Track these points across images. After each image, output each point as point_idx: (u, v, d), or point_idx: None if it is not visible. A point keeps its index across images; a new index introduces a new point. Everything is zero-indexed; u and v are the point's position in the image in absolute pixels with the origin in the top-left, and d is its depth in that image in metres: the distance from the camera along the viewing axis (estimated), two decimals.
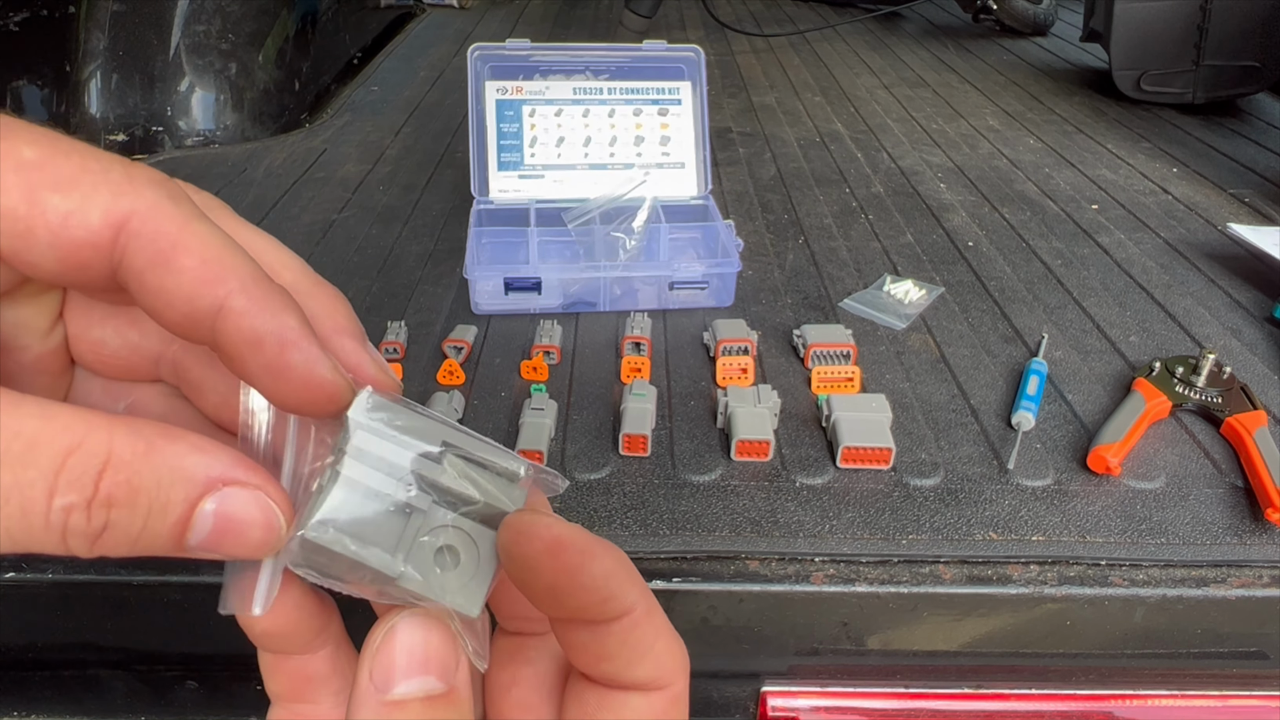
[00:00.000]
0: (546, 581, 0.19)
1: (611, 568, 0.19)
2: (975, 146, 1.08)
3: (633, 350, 0.63)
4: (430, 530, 0.20)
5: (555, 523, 0.19)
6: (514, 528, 0.19)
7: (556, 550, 0.18)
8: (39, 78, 0.93)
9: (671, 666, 0.20)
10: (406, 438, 0.20)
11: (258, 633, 0.21)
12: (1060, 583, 0.46)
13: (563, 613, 0.19)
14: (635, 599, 0.19)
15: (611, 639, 0.19)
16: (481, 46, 0.78)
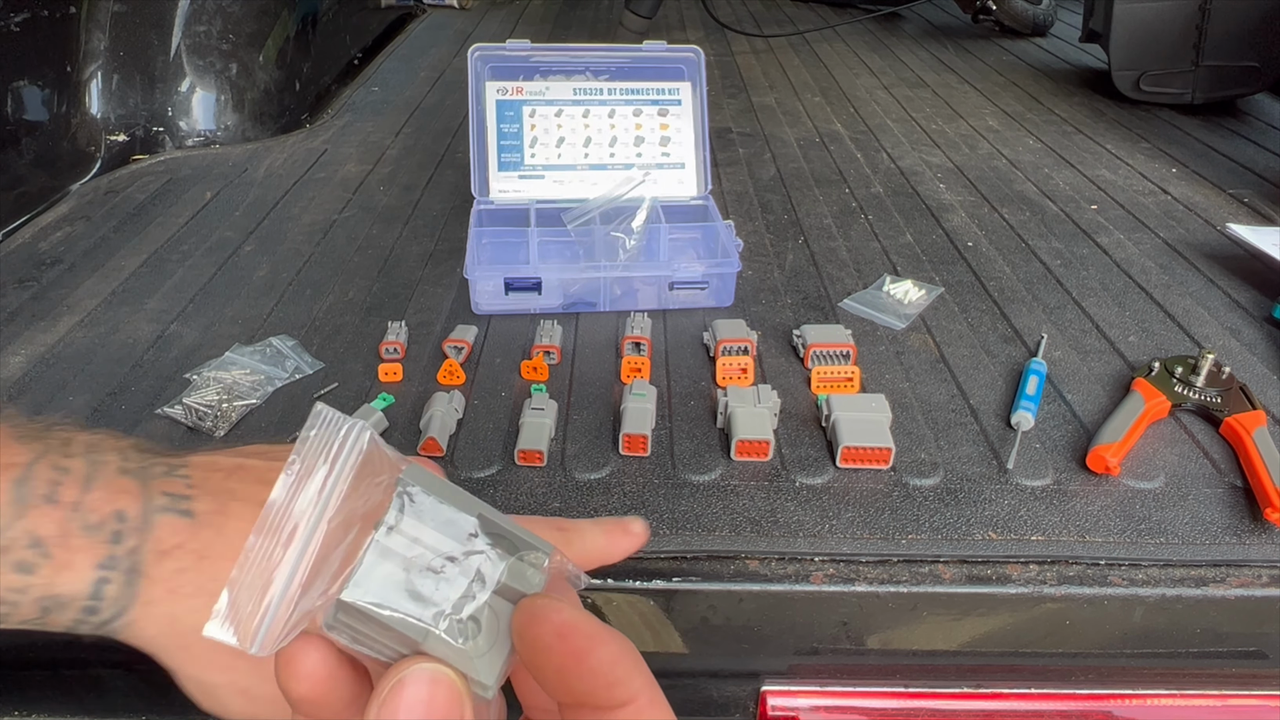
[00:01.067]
0: (555, 664, 0.19)
1: (617, 655, 0.19)
2: (975, 147, 1.09)
3: (633, 350, 0.63)
4: (456, 602, 0.21)
5: (567, 608, 0.19)
6: (527, 610, 0.20)
7: (565, 634, 0.19)
8: (40, 78, 0.93)
9: None
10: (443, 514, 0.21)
11: (294, 699, 0.21)
12: (1059, 582, 0.46)
13: (570, 697, 0.20)
14: (639, 687, 0.20)
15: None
16: (482, 47, 0.78)
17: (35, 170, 0.91)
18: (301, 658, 0.21)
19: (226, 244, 0.81)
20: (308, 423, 0.21)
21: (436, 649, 0.20)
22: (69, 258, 0.78)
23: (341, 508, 0.21)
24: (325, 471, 0.21)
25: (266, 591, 0.20)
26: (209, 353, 0.63)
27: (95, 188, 0.93)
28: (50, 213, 0.87)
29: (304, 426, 0.21)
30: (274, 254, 0.79)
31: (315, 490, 0.21)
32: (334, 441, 0.21)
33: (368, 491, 0.21)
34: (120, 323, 0.67)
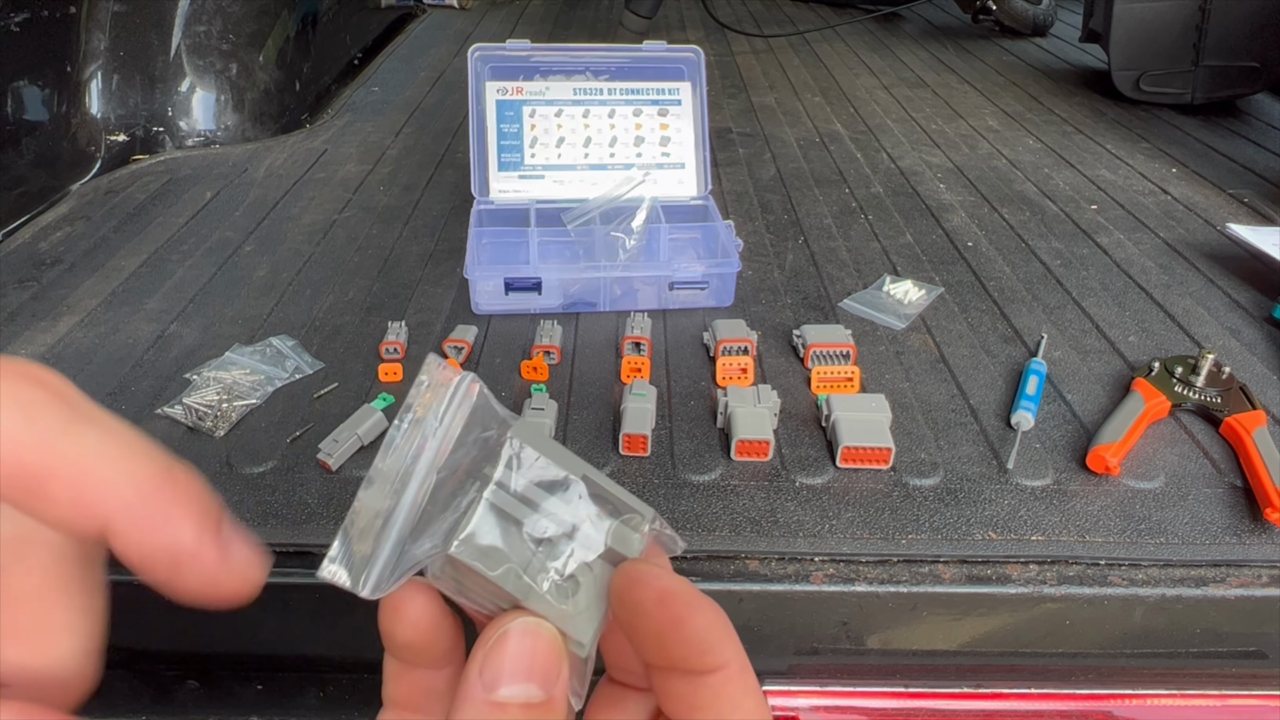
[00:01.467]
0: (653, 629, 0.20)
1: (713, 622, 0.20)
2: (975, 147, 1.09)
3: (633, 350, 0.63)
4: (558, 561, 0.21)
5: (666, 574, 0.20)
6: (628, 574, 0.20)
7: (665, 600, 0.20)
8: (40, 78, 0.93)
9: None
10: (549, 473, 0.22)
11: (399, 643, 0.22)
12: (1059, 582, 0.46)
13: (664, 661, 0.20)
14: (731, 655, 0.20)
15: (706, 691, 0.20)
16: (482, 47, 0.78)
17: (35, 170, 0.91)
18: (409, 604, 0.21)
19: (226, 244, 0.81)
20: (421, 371, 0.22)
21: (537, 606, 0.21)
22: (69, 258, 0.78)
23: (450, 459, 0.21)
24: (436, 423, 0.21)
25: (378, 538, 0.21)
26: (209, 353, 0.63)
27: (95, 188, 0.93)
28: (50, 213, 0.87)
29: (419, 375, 0.22)
30: (274, 254, 0.79)
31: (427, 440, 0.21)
32: (446, 393, 0.22)
33: (476, 444, 0.22)
34: (120, 323, 0.67)
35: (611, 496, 0.22)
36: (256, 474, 0.52)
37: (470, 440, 0.22)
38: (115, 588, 0.47)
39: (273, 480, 0.51)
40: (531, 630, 0.20)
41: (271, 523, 0.48)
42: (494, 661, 0.19)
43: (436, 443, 0.21)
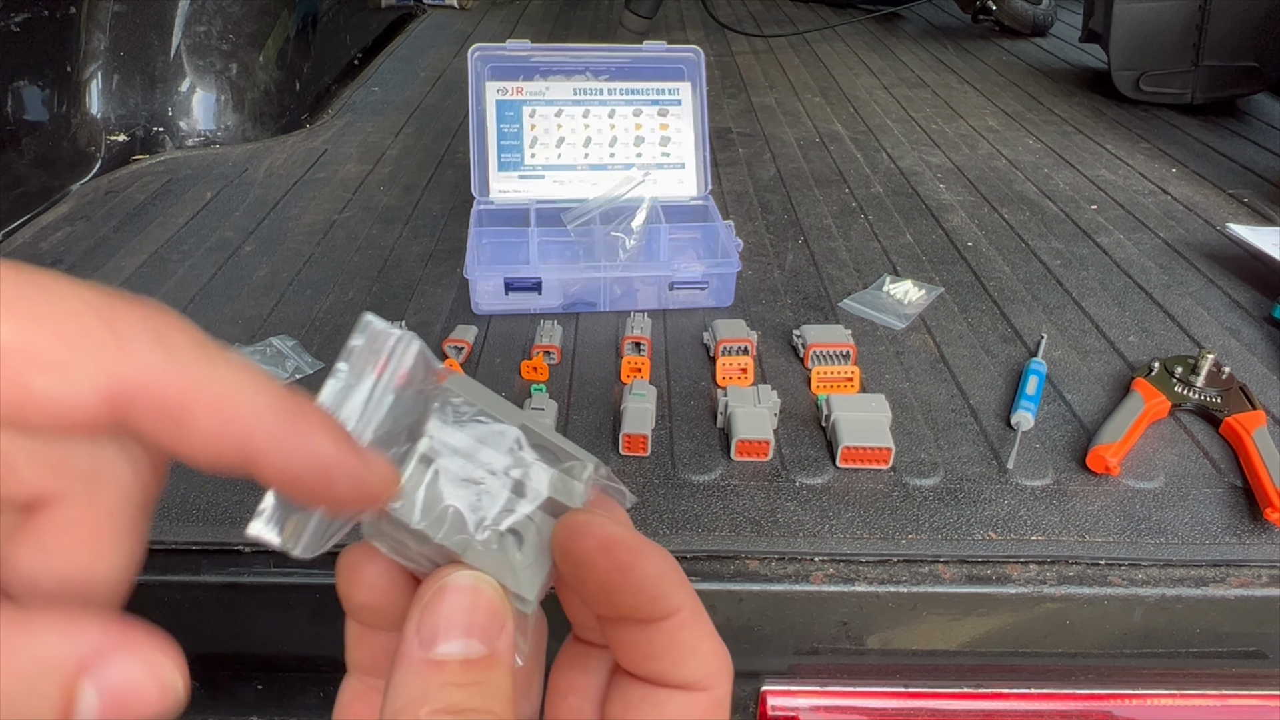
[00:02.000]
0: (599, 579, 0.19)
1: (661, 567, 0.19)
2: (975, 147, 1.09)
3: (633, 350, 0.63)
4: (498, 515, 0.21)
5: (608, 522, 0.19)
6: (569, 525, 0.19)
7: (609, 549, 0.19)
8: (40, 78, 0.93)
9: (716, 670, 0.20)
10: (486, 426, 0.21)
11: (356, 605, 0.22)
12: (1059, 582, 0.46)
13: (613, 611, 0.19)
14: (683, 600, 0.19)
15: (659, 638, 0.19)
16: (482, 47, 0.78)
17: (35, 170, 0.91)
18: (365, 565, 0.21)
19: (226, 244, 0.81)
20: (355, 332, 0.21)
21: (477, 561, 0.20)
22: (69, 258, 0.78)
23: (387, 417, 0.21)
24: (372, 381, 0.21)
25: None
26: None
27: (95, 188, 0.93)
28: (50, 213, 0.87)
29: (352, 335, 0.21)
30: (274, 254, 0.79)
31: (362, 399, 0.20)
32: (381, 351, 0.21)
33: (413, 402, 0.21)
34: None
35: (553, 446, 0.21)
36: None
37: (407, 397, 0.21)
38: None
39: None
40: (470, 583, 0.19)
41: None
42: (430, 617, 0.19)
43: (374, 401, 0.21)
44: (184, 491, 0.50)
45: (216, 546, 0.47)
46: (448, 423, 0.21)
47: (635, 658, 0.20)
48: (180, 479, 0.51)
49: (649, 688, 0.20)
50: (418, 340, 0.21)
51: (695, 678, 0.20)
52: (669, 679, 0.20)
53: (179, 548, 0.47)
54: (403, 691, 0.18)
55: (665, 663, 0.20)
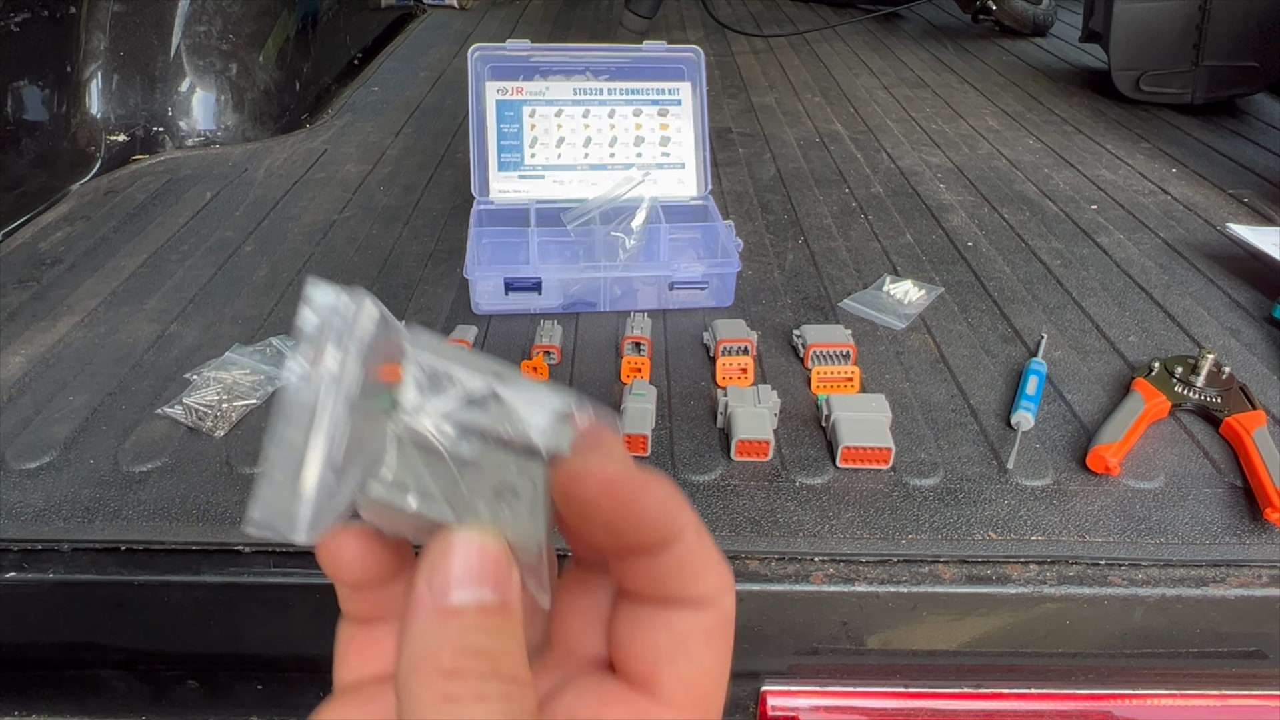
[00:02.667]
0: (603, 519, 0.19)
1: (663, 496, 0.20)
2: (975, 147, 1.09)
3: (633, 350, 0.63)
4: (488, 472, 0.20)
5: (604, 461, 0.20)
6: (566, 473, 0.20)
7: (609, 489, 0.19)
8: (40, 78, 0.93)
9: (720, 585, 0.21)
10: (457, 386, 0.21)
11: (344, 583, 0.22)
12: (1059, 582, 0.46)
13: (619, 544, 0.20)
14: (685, 522, 0.20)
15: (666, 563, 0.20)
16: (482, 47, 0.78)
17: (35, 170, 0.91)
18: (343, 549, 0.21)
19: (226, 244, 0.81)
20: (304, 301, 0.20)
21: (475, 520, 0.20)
22: (69, 258, 0.78)
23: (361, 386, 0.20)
24: (338, 354, 0.20)
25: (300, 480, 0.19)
26: (209, 353, 0.63)
27: (95, 188, 0.93)
28: (50, 213, 0.87)
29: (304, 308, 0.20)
30: (274, 254, 0.79)
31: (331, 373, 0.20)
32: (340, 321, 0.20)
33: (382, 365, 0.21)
34: (120, 323, 0.67)
35: (530, 394, 0.21)
36: (257, 474, 0.52)
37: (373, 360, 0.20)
38: (114, 588, 0.47)
39: None
40: (476, 536, 0.20)
41: None
42: (441, 569, 0.19)
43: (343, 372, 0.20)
44: (184, 491, 0.50)
45: (216, 546, 0.47)
46: (421, 388, 0.21)
47: (643, 583, 0.20)
48: (180, 479, 0.51)
49: (656, 608, 0.21)
50: (374, 300, 0.21)
51: (702, 594, 0.20)
52: (676, 598, 0.20)
53: (179, 548, 0.47)
54: (420, 638, 0.18)
55: (673, 585, 0.20)
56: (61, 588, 0.47)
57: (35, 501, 0.49)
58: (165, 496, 0.50)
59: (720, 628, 0.21)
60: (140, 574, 0.47)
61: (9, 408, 0.57)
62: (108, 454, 0.53)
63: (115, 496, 0.50)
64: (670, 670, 0.20)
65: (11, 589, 0.47)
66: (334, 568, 0.21)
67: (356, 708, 0.22)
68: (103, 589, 0.47)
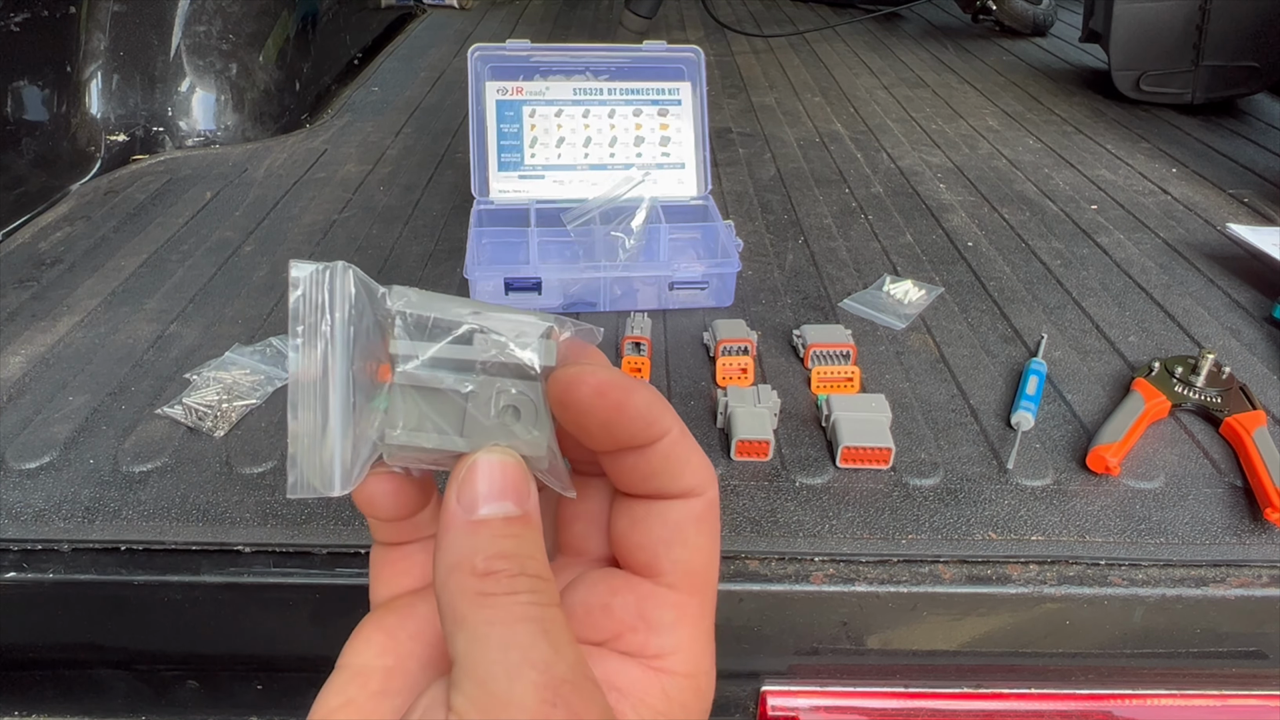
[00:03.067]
0: (598, 420, 0.22)
1: (650, 398, 0.22)
2: (975, 147, 1.09)
3: (633, 350, 0.63)
4: (489, 398, 0.23)
5: (595, 369, 0.22)
6: (560, 382, 0.22)
7: (602, 392, 0.22)
8: (40, 78, 0.93)
9: (705, 476, 0.23)
10: (442, 326, 0.23)
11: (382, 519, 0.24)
12: (1059, 582, 0.46)
13: (613, 444, 0.22)
14: (671, 421, 0.22)
15: (656, 458, 0.22)
16: (482, 47, 0.78)
17: (35, 170, 0.91)
18: (374, 491, 0.24)
19: (226, 244, 0.81)
20: (291, 285, 0.22)
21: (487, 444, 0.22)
22: (69, 258, 0.78)
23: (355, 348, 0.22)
24: (328, 324, 0.22)
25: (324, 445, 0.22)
26: (209, 353, 0.63)
27: (95, 188, 0.93)
28: (50, 213, 0.87)
29: (289, 289, 0.22)
30: (274, 254, 0.79)
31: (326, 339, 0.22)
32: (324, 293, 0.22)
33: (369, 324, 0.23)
34: (120, 323, 0.67)
35: (510, 321, 0.23)
36: (256, 474, 0.52)
37: (363, 324, 0.22)
38: (114, 588, 0.47)
39: (273, 480, 0.51)
40: (497, 456, 0.22)
41: (271, 523, 0.48)
42: (469, 488, 0.21)
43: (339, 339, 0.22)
44: (184, 491, 0.50)
45: (216, 546, 0.47)
46: (413, 337, 0.23)
47: (635, 479, 0.23)
48: (180, 479, 0.51)
49: (650, 502, 0.23)
50: (352, 267, 0.22)
51: (690, 485, 0.23)
52: (667, 491, 0.23)
53: (179, 548, 0.47)
54: (454, 548, 0.21)
55: (664, 479, 0.23)
56: (61, 588, 0.47)
57: (35, 501, 0.49)
58: (165, 496, 0.50)
59: (708, 514, 0.23)
60: (140, 574, 0.47)
61: (9, 408, 0.57)
62: (108, 454, 0.53)
63: (115, 496, 0.50)
64: (669, 556, 0.23)
65: (11, 589, 0.47)
66: (370, 508, 0.24)
67: (394, 616, 0.24)
68: (103, 589, 0.47)
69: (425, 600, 0.25)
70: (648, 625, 0.23)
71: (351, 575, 0.47)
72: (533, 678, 0.19)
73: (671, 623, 0.23)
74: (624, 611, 0.23)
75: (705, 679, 0.23)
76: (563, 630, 0.20)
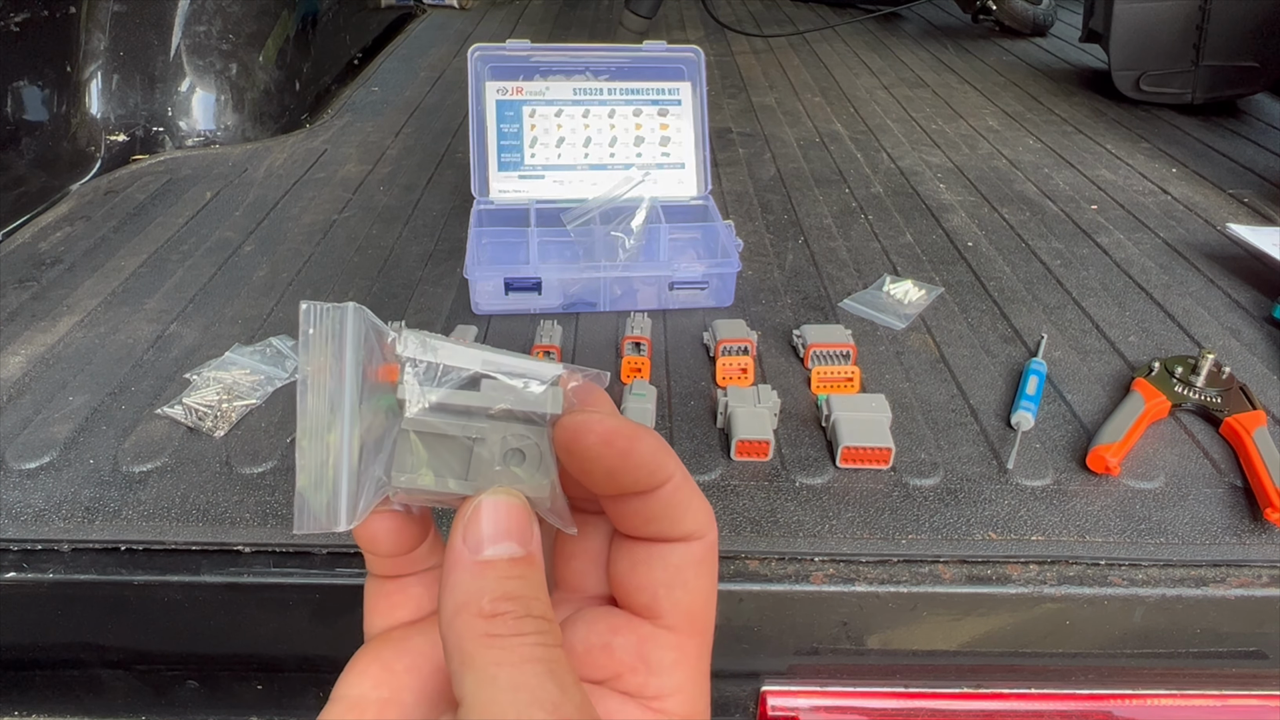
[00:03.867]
0: (604, 466, 0.22)
1: (656, 446, 0.22)
2: (975, 147, 1.09)
3: (633, 350, 0.63)
4: (495, 442, 0.23)
5: (601, 417, 0.22)
6: (567, 429, 0.22)
7: (608, 440, 0.22)
8: (40, 78, 0.93)
9: (705, 520, 0.24)
10: (451, 374, 0.23)
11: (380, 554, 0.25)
12: (1059, 582, 0.46)
13: (617, 489, 0.23)
14: (674, 468, 0.23)
15: (658, 503, 0.23)
16: (482, 47, 0.78)
17: (35, 170, 0.91)
18: (377, 528, 0.24)
19: (226, 244, 0.81)
20: (301, 325, 0.23)
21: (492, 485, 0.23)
22: (69, 258, 0.78)
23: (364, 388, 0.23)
24: (336, 364, 0.23)
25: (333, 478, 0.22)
26: (209, 353, 0.63)
27: (95, 188, 0.93)
28: (50, 213, 0.87)
29: (300, 329, 0.23)
30: (274, 254, 0.79)
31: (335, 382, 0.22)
32: (333, 333, 0.23)
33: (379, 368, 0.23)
34: (120, 323, 0.67)
35: (518, 369, 0.24)
36: (256, 474, 0.52)
37: (372, 366, 0.23)
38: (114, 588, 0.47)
39: (273, 480, 0.51)
40: (503, 498, 0.22)
41: (271, 523, 0.48)
42: (474, 528, 0.22)
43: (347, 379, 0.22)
44: (184, 491, 0.50)
45: (216, 546, 0.47)
46: (421, 383, 0.23)
47: (637, 523, 0.23)
48: (180, 479, 0.51)
49: (651, 545, 0.23)
50: (362, 309, 0.23)
51: (690, 530, 0.23)
52: (668, 535, 0.23)
53: (179, 548, 0.47)
54: (460, 589, 0.21)
55: (665, 523, 0.23)
56: (61, 588, 0.47)
57: (35, 501, 0.49)
58: (165, 496, 0.50)
59: (707, 557, 0.24)
60: (140, 574, 0.47)
61: (9, 408, 0.57)
62: (108, 454, 0.53)
63: (115, 496, 0.50)
64: (669, 598, 0.23)
65: (11, 589, 0.47)
66: (372, 544, 0.24)
67: (389, 649, 0.25)
68: (103, 589, 0.47)
69: (421, 633, 0.25)
70: (648, 666, 0.23)
71: (351, 575, 0.47)
72: (541, 718, 0.19)
73: (671, 664, 0.23)
74: (624, 652, 0.23)
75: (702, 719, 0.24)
76: (568, 671, 0.20)
